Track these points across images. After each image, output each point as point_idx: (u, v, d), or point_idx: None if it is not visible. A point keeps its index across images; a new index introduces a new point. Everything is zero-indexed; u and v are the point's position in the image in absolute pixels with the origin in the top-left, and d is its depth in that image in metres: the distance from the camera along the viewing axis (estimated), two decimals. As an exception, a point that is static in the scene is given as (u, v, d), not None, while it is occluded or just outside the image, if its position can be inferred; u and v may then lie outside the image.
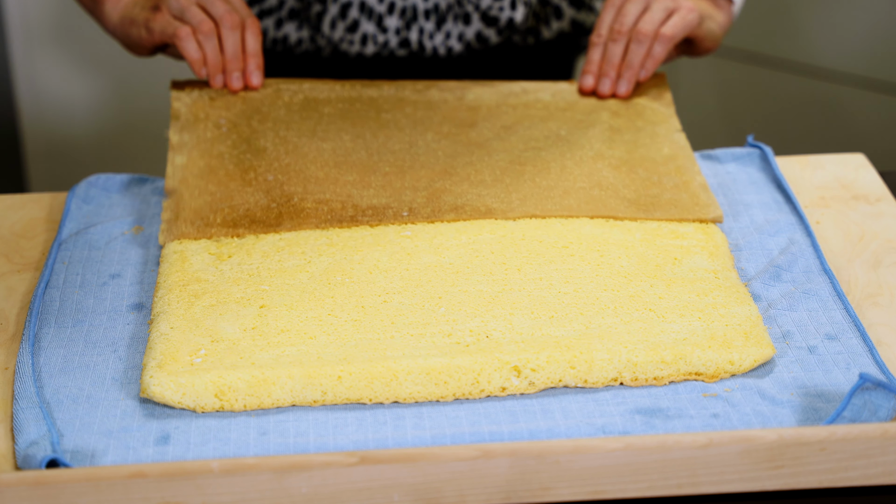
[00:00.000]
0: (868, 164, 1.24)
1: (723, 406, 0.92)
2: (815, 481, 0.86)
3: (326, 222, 1.10)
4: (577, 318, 0.98)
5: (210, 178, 1.17)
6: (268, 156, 1.19)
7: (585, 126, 1.24)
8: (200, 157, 1.19)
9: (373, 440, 0.90)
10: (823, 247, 1.11)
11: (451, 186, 1.15)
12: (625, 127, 1.24)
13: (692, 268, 1.05)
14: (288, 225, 1.10)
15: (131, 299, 1.05)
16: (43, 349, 0.99)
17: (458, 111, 1.27)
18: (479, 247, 1.07)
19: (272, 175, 1.17)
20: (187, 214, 1.12)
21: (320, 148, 1.21)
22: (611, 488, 0.85)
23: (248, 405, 0.93)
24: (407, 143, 1.22)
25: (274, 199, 1.14)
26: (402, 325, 0.98)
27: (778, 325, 1.00)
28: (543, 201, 1.13)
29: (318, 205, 1.13)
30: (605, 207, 1.12)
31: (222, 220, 1.11)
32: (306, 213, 1.11)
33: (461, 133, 1.24)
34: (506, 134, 1.24)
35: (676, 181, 1.16)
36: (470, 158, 1.20)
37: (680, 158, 1.20)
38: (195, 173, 1.17)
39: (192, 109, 1.26)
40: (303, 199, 1.13)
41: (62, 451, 0.89)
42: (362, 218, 1.11)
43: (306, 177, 1.17)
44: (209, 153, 1.20)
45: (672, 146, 1.22)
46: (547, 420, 0.91)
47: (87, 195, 1.20)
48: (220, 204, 1.13)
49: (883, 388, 0.89)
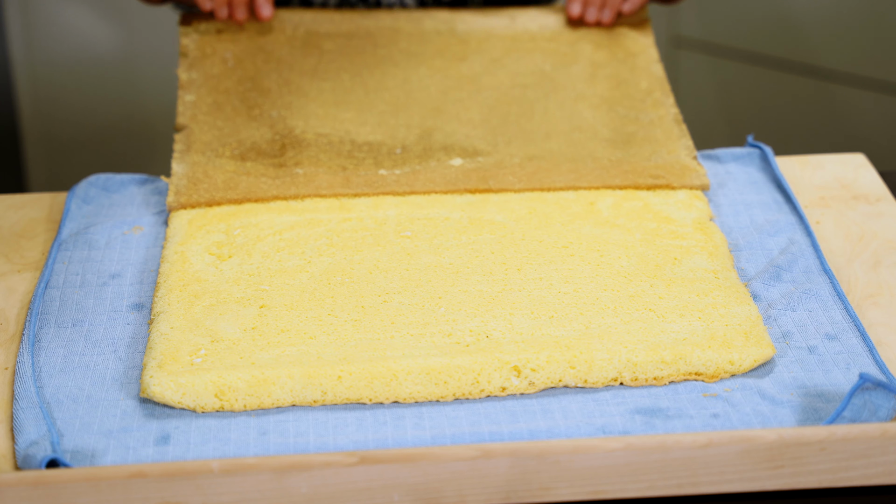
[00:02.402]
0: (868, 164, 1.24)
1: (723, 406, 0.92)
2: (815, 481, 0.86)
3: (326, 153, 1.20)
4: (577, 318, 0.98)
5: (217, 114, 1.25)
6: (272, 95, 1.28)
7: (569, 61, 1.33)
8: (208, 94, 1.27)
9: (373, 440, 0.90)
10: (823, 247, 1.11)
11: (442, 125, 1.24)
12: (605, 60, 1.32)
13: (692, 268, 1.05)
14: (291, 154, 1.19)
15: (131, 299, 1.05)
16: (43, 349, 0.99)
17: (451, 44, 1.34)
18: (479, 247, 1.07)
19: (276, 111, 1.26)
20: (198, 146, 1.21)
21: (321, 87, 1.29)
22: (611, 488, 0.85)
23: (248, 405, 0.93)
24: (401, 79, 1.30)
25: (278, 132, 1.23)
26: (402, 325, 0.98)
27: (778, 325, 1.00)
28: (527, 144, 1.22)
29: (318, 136, 1.22)
30: (584, 149, 1.21)
31: (230, 153, 1.20)
32: (307, 144, 1.21)
33: (452, 67, 1.31)
34: (494, 68, 1.31)
35: (652, 117, 1.24)
36: (460, 95, 1.28)
37: (656, 92, 1.28)
38: (204, 110, 1.26)
39: (200, 45, 1.33)
40: (304, 132, 1.23)
41: (62, 451, 0.89)
42: (359, 154, 1.20)
43: (307, 113, 1.26)
44: (216, 89, 1.28)
45: (650, 79, 1.30)
46: (547, 420, 0.91)
47: (87, 195, 1.19)
48: (228, 138, 1.22)
49: (883, 388, 0.89)
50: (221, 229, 1.11)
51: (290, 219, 1.12)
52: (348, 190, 1.15)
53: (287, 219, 1.12)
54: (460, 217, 1.12)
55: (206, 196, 1.15)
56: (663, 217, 1.12)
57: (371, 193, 1.15)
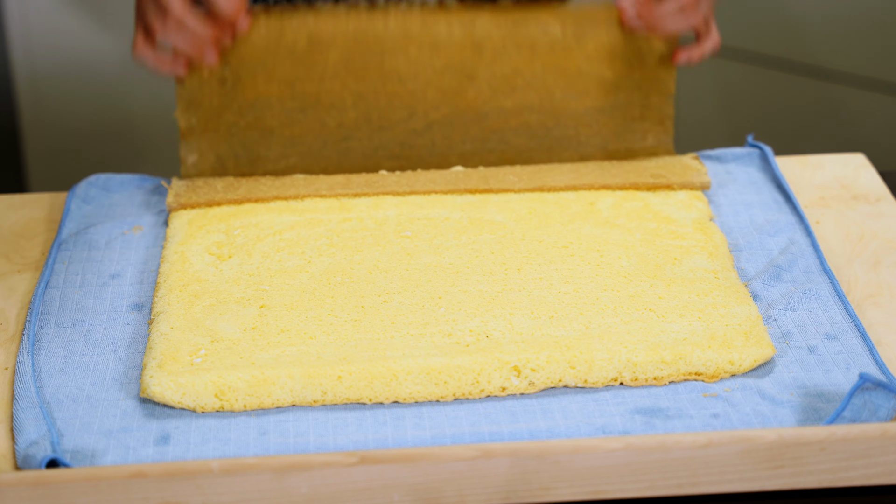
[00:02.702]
0: (868, 164, 1.24)
1: (723, 406, 0.92)
2: (815, 481, 0.86)
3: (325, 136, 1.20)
4: (577, 318, 0.98)
5: (219, 171, 1.23)
6: (273, 131, 1.23)
7: (579, 92, 1.23)
8: (210, 150, 1.22)
9: (373, 440, 0.90)
10: (823, 247, 1.11)
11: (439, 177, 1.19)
12: (622, 83, 1.24)
13: (692, 268, 1.05)
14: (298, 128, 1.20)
15: (131, 299, 1.05)
16: (43, 349, 0.99)
17: (463, 50, 1.22)
18: (479, 247, 1.07)
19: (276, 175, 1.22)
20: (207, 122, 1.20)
21: (322, 120, 1.22)
22: (611, 488, 0.85)
23: (248, 405, 0.93)
24: (407, 111, 1.23)
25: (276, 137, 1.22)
26: (402, 325, 0.98)
27: (778, 325, 1.00)
28: (528, 178, 1.18)
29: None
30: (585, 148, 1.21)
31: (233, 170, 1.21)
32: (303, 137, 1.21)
33: (459, 94, 1.22)
34: (503, 91, 1.22)
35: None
36: (463, 141, 1.23)
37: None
38: (207, 171, 1.22)
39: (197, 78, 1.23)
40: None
41: (62, 451, 0.89)
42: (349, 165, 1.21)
43: (310, 152, 1.23)
44: (217, 120, 1.21)
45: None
46: (547, 420, 0.91)
47: (87, 195, 1.19)
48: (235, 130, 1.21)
49: (883, 388, 0.89)
50: (221, 229, 1.11)
51: (290, 219, 1.12)
52: (348, 190, 1.15)
53: (287, 219, 1.12)
54: (460, 217, 1.12)
55: (205, 197, 1.15)
56: (663, 217, 1.12)
57: (371, 193, 1.15)
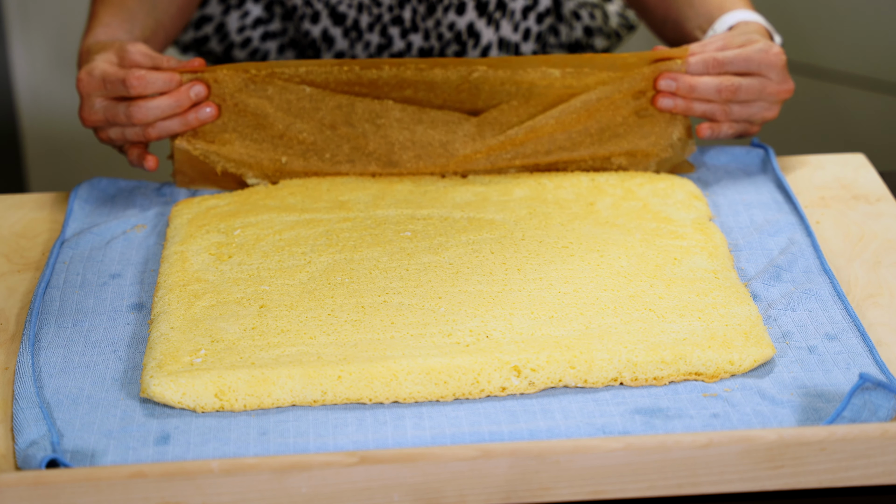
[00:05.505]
0: (868, 164, 1.24)
1: (723, 406, 0.92)
2: (815, 481, 0.86)
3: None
4: (576, 318, 0.98)
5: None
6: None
7: (576, 142, 1.19)
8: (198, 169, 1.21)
9: (373, 440, 0.90)
10: (823, 247, 1.11)
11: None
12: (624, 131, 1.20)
13: (692, 268, 1.05)
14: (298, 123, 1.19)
15: (131, 299, 1.05)
16: (43, 349, 0.99)
17: (460, 92, 1.19)
18: (479, 247, 1.07)
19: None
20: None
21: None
22: (611, 488, 0.85)
23: (248, 405, 0.93)
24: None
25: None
26: (402, 325, 0.98)
27: (778, 325, 1.00)
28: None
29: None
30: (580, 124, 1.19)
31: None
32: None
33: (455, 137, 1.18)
34: (500, 135, 1.17)
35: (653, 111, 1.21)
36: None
37: None
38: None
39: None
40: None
41: (62, 451, 0.89)
42: None
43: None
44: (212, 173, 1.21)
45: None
46: (547, 420, 0.91)
47: (89, 195, 1.20)
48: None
49: (883, 388, 0.89)
50: (221, 229, 1.11)
51: (290, 219, 1.12)
52: (352, 77, 1.18)
53: (287, 219, 1.12)
54: (460, 217, 1.12)
55: (209, 178, 1.19)
56: (663, 217, 1.12)
57: (373, 92, 1.18)
